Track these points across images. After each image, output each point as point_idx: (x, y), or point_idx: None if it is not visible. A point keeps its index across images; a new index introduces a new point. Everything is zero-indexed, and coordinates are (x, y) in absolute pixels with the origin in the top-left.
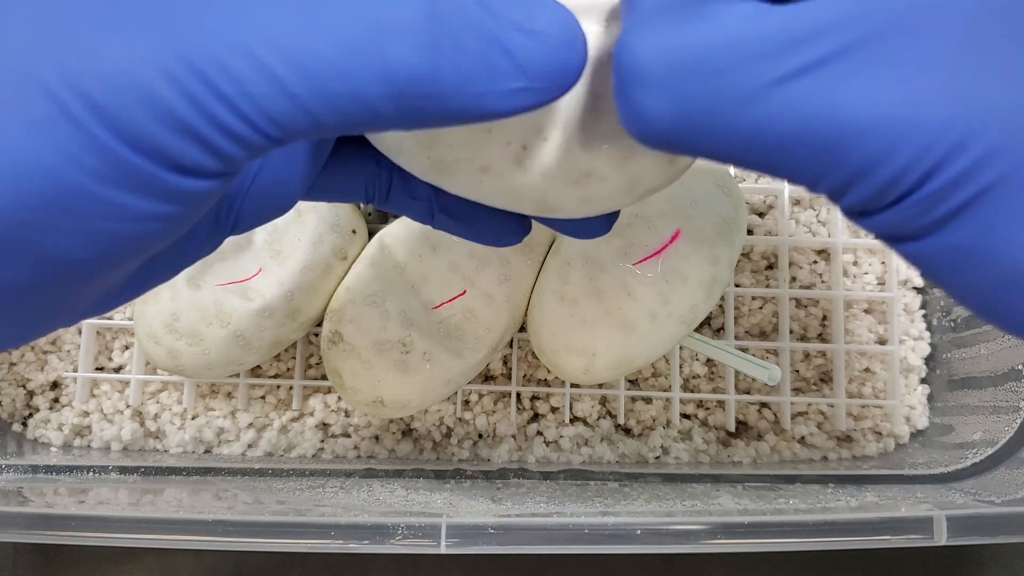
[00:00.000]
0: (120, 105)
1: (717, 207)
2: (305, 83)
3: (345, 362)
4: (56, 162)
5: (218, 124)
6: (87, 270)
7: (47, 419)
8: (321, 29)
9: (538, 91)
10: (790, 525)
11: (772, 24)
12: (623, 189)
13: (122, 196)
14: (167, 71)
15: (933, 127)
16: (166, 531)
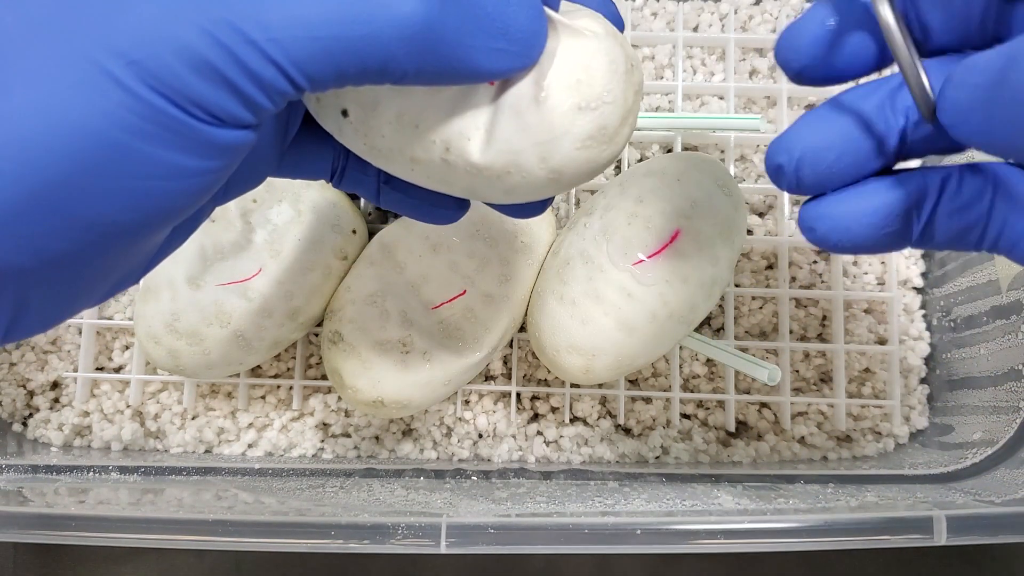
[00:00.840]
0: (157, 60)
1: (717, 207)
2: (328, 28)
3: (345, 362)
4: (98, 122)
5: (250, 72)
6: (127, 234)
7: (47, 419)
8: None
9: (514, 54)
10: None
11: None
12: (547, 182)
13: (163, 151)
14: (198, 24)
15: None
16: (166, 531)
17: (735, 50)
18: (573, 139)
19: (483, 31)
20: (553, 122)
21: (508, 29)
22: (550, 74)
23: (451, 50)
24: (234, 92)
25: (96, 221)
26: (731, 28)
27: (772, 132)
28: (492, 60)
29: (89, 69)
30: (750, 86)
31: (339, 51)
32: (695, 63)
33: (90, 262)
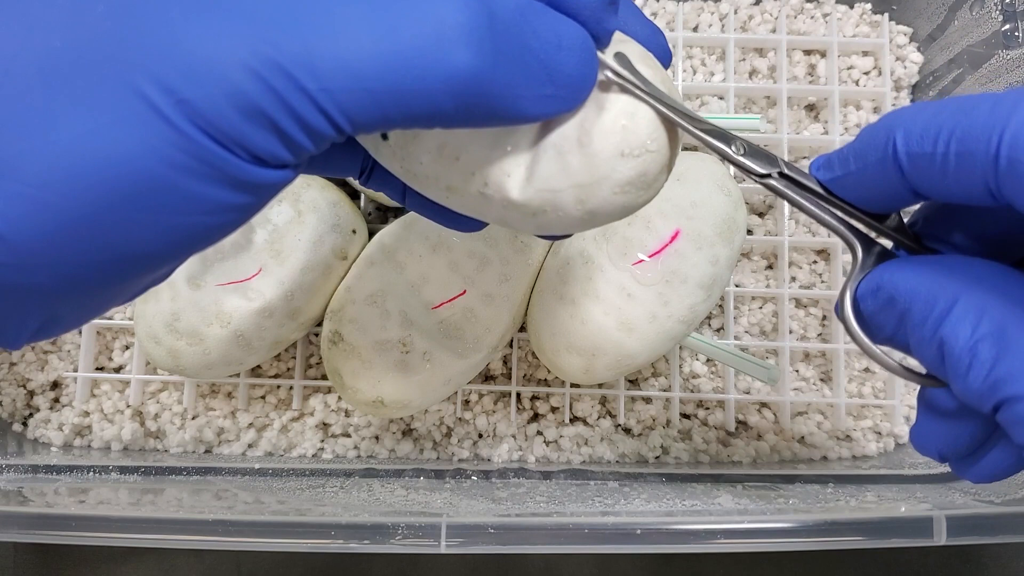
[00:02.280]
0: (204, 99)
1: (717, 207)
2: (380, 79)
3: (345, 362)
4: (142, 157)
5: (297, 117)
6: (154, 263)
7: (47, 419)
8: (398, 29)
9: (561, 99)
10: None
11: None
12: (580, 222)
13: (202, 187)
14: (250, 67)
15: None
16: (166, 531)
17: (735, 50)
18: (613, 184)
19: (532, 79)
20: (595, 166)
21: (556, 75)
22: (596, 118)
23: (499, 100)
24: (279, 135)
25: (129, 252)
26: (731, 28)
27: (771, 131)
28: (539, 106)
29: (136, 103)
30: (750, 86)
31: (388, 102)
32: (695, 63)
33: (118, 284)
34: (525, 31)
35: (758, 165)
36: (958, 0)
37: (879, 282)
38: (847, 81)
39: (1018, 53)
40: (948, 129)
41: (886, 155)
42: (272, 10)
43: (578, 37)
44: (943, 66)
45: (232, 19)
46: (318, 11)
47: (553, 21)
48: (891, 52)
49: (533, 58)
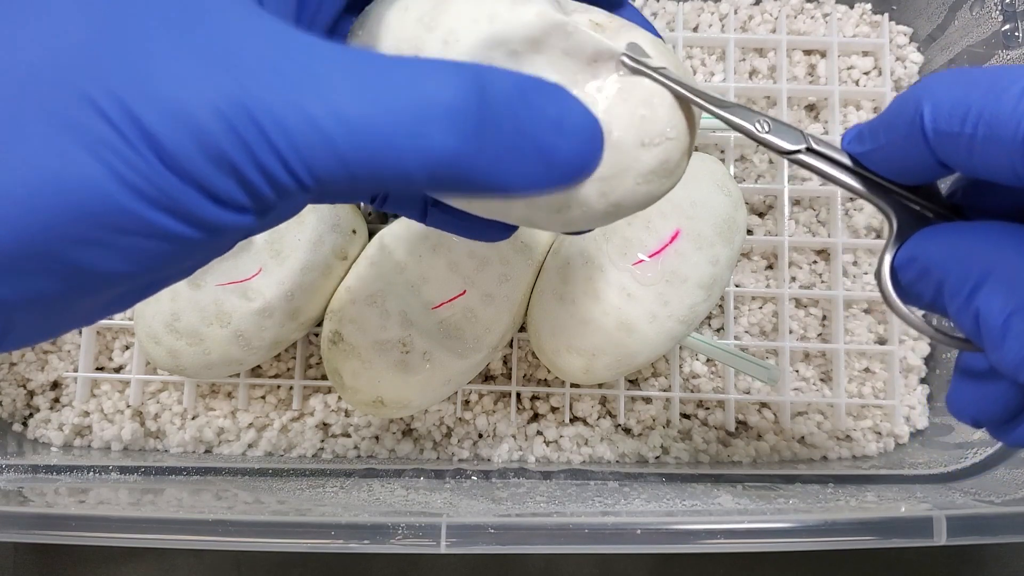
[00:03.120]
0: (171, 136)
1: (717, 207)
2: (354, 148)
3: (345, 362)
4: (103, 180)
5: (260, 167)
6: (118, 281)
7: (47, 419)
8: (378, 99)
9: (555, 180)
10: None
11: None
12: (604, 215)
13: (159, 217)
14: (220, 111)
15: None
16: (166, 531)
17: (735, 50)
18: (636, 175)
19: (523, 161)
20: (617, 158)
21: (552, 160)
22: (614, 111)
23: (481, 179)
24: (240, 182)
25: (87, 268)
26: (731, 28)
27: None
28: (529, 185)
29: (103, 128)
30: (750, 86)
31: (357, 167)
32: (695, 63)
33: (77, 300)
34: (522, 113)
35: (785, 141)
36: (958, 0)
37: (914, 252)
38: (847, 81)
39: (1018, 53)
40: (976, 110)
41: (914, 130)
42: (255, 60)
43: (582, 119)
44: (943, 66)
45: (212, 62)
46: (301, 68)
47: (558, 103)
48: (891, 52)
49: (527, 141)
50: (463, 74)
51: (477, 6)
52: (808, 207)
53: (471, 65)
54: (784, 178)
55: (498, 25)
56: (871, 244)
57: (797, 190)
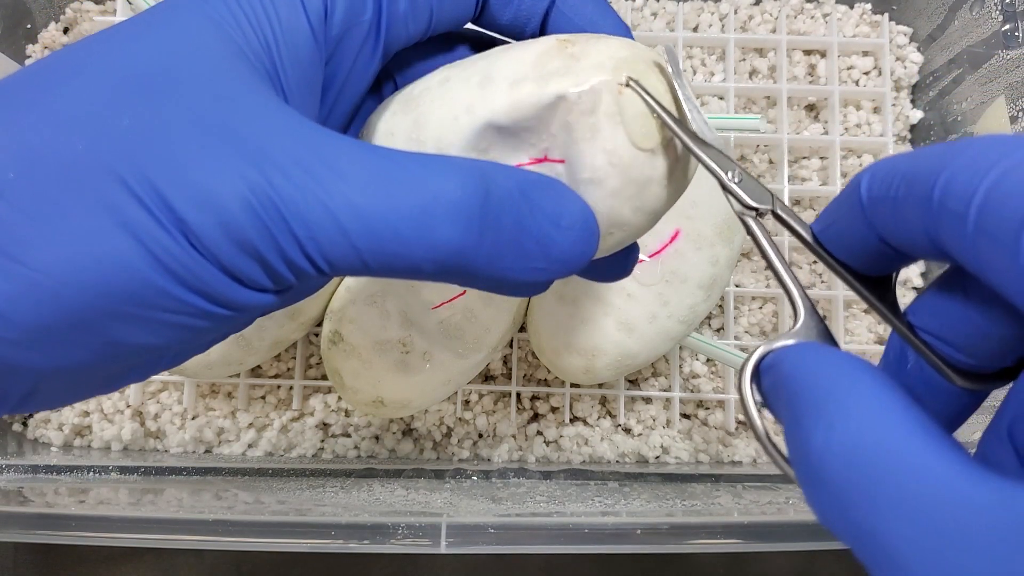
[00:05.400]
0: (200, 221)
1: (717, 207)
2: (367, 240)
3: (345, 362)
4: (138, 260)
5: (282, 254)
6: (146, 353)
7: (47, 419)
8: (390, 195)
9: (554, 272)
10: (790, 525)
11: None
12: (647, 223)
13: (189, 296)
14: (248, 202)
15: None
16: (166, 531)
17: (735, 50)
18: (659, 180)
19: (523, 255)
20: (636, 176)
21: (551, 253)
22: (615, 134)
23: (484, 270)
24: (263, 267)
25: (118, 341)
26: (731, 28)
27: (772, 131)
28: (528, 276)
29: (140, 214)
30: (750, 86)
31: (369, 257)
32: (695, 63)
33: (105, 369)
34: (523, 209)
35: (751, 198)
36: (958, 0)
37: (773, 360)
38: (847, 81)
39: (1018, 53)
40: (901, 173)
41: (853, 201)
42: (281, 154)
43: (580, 216)
44: (943, 66)
45: (240, 154)
46: (323, 163)
47: (557, 198)
48: (891, 52)
49: (527, 236)
50: (469, 172)
51: (450, 105)
52: (808, 207)
53: (477, 163)
54: (784, 178)
55: (480, 114)
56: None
57: (797, 190)
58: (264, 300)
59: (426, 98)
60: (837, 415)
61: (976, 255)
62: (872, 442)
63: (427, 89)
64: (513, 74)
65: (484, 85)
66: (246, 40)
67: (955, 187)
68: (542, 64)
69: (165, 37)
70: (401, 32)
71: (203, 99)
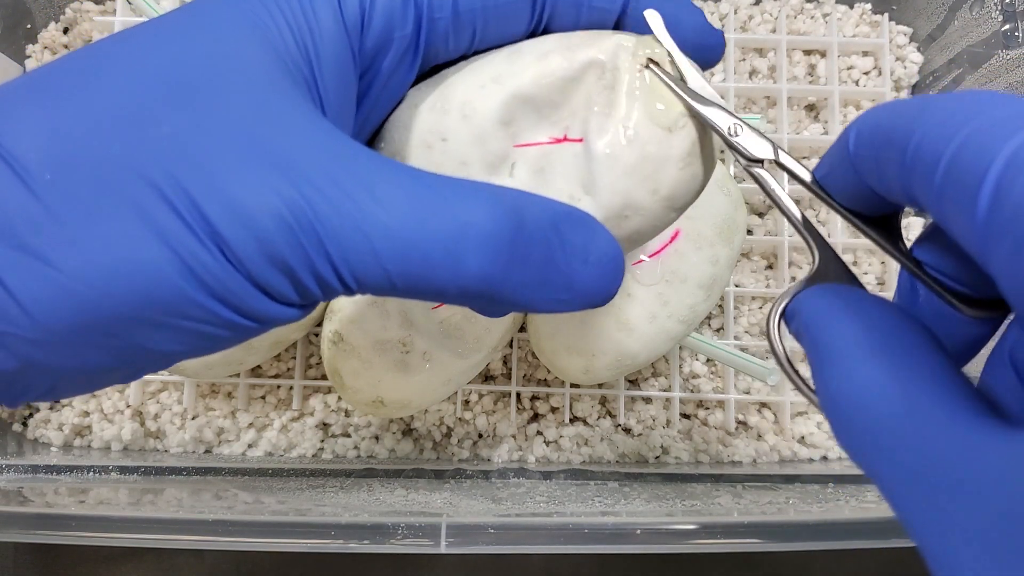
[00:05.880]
0: (234, 234)
1: (717, 207)
2: (397, 263)
3: (345, 362)
4: (169, 268)
5: (313, 271)
6: (169, 359)
7: (47, 419)
8: (424, 221)
9: (576, 304)
10: (790, 525)
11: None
12: (664, 212)
13: (217, 307)
14: (283, 218)
15: None
16: (166, 531)
17: (735, 50)
18: (676, 160)
19: (549, 286)
20: (652, 152)
21: (576, 287)
22: (631, 110)
23: (509, 298)
24: (294, 283)
25: (142, 346)
26: (731, 28)
27: (772, 132)
28: (552, 307)
29: (175, 224)
30: (750, 86)
31: (398, 280)
32: None
33: (124, 371)
34: (552, 242)
35: (754, 149)
36: (958, 0)
37: (795, 307)
38: (847, 81)
39: (1018, 53)
40: (883, 130)
41: (844, 154)
42: (317, 172)
43: (607, 252)
44: (943, 66)
45: (276, 169)
46: (358, 183)
47: (586, 233)
48: (891, 52)
49: (554, 269)
50: (502, 203)
51: (477, 74)
52: (808, 207)
53: (511, 193)
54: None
55: (507, 83)
56: (871, 244)
57: (798, 190)
58: (289, 313)
59: (452, 73)
60: (848, 364)
61: (942, 213)
62: (877, 394)
63: (455, 68)
64: (541, 48)
65: (512, 59)
66: (286, 47)
67: (924, 149)
68: (567, 39)
69: (206, 39)
70: (440, 49)
71: (243, 111)
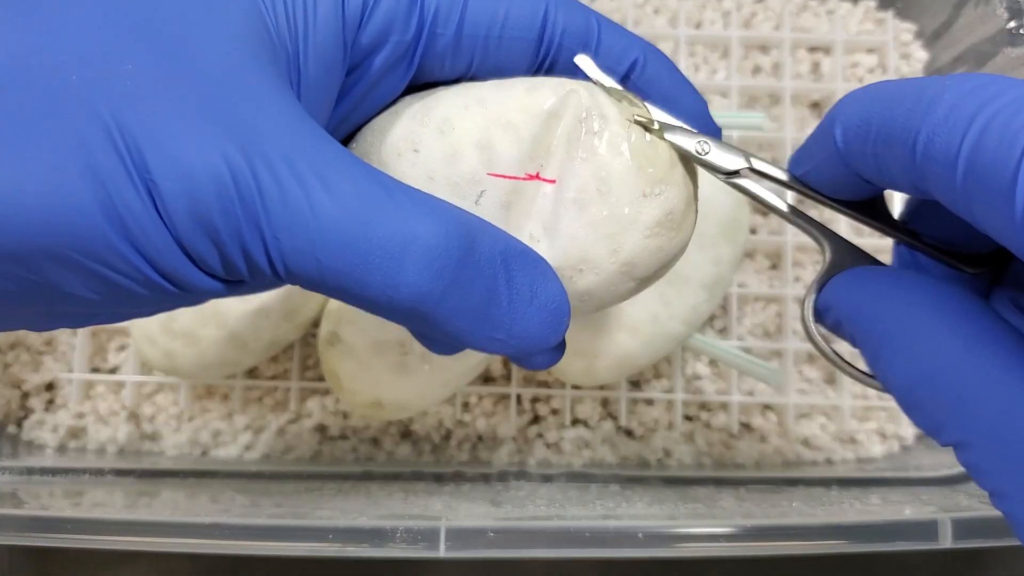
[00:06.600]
0: (171, 190)
1: (719, 207)
2: (332, 259)
3: (343, 363)
4: (95, 209)
5: (242, 247)
6: (83, 308)
7: (42, 421)
8: (370, 222)
9: (513, 348)
10: (793, 529)
11: None
12: (618, 278)
13: (136, 258)
14: (224, 188)
15: None
16: (162, 534)
17: (738, 47)
18: (642, 227)
19: (485, 321)
20: (620, 213)
21: (516, 328)
22: (610, 163)
23: (441, 325)
24: (220, 253)
25: (48, 283)
26: (734, 25)
27: (775, 130)
28: (486, 345)
29: (111, 160)
30: (753, 84)
31: (329, 276)
32: (697, 60)
33: (30, 307)
34: (499, 276)
35: (726, 163)
36: None
37: (828, 302)
38: (851, 79)
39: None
40: (876, 127)
41: (830, 150)
42: (271, 147)
43: (554, 299)
44: (948, 64)
45: (231, 137)
46: (311, 168)
47: (536, 275)
48: (895, 49)
49: (496, 304)
50: (457, 223)
51: (463, 96)
52: (812, 206)
53: (468, 216)
54: None
55: (491, 107)
56: (873, 244)
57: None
58: (211, 286)
59: (441, 90)
60: (916, 344)
61: (968, 208)
62: (947, 366)
63: (445, 87)
64: (533, 83)
65: (502, 86)
66: (275, 21)
67: (936, 148)
68: (561, 80)
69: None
70: (436, 66)
71: (210, 68)
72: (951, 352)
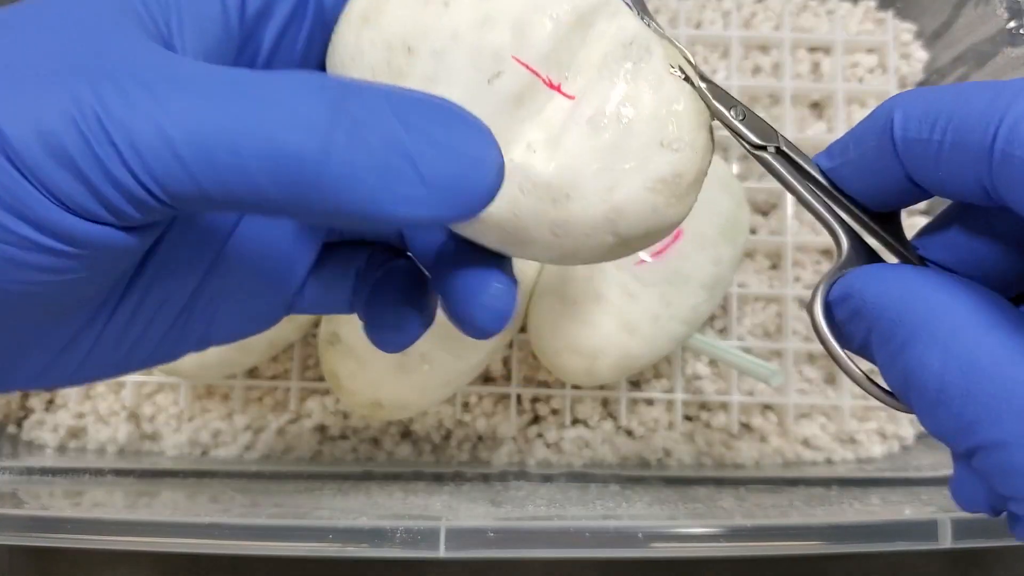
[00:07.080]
0: (18, 135)
1: (719, 207)
2: (197, 153)
3: (343, 363)
4: None
5: (107, 174)
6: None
7: (42, 421)
8: (230, 105)
9: (438, 204)
10: (793, 529)
11: None
12: (604, 221)
13: (12, 222)
14: (71, 117)
15: None
16: (162, 534)
17: (738, 47)
18: (647, 176)
19: (391, 175)
20: (631, 149)
21: (431, 177)
22: (642, 95)
23: (345, 194)
24: (89, 188)
25: None
26: (734, 25)
27: None
28: (407, 209)
29: None
30: (753, 84)
31: (202, 175)
32: (698, 60)
33: None
34: (393, 125)
35: (755, 136)
36: None
37: (848, 289)
38: (851, 79)
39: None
40: (946, 115)
41: (884, 138)
42: (124, 74)
43: (474, 138)
44: (948, 63)
45: (80, 76)
46: (163, 79)
47: (447, 123)
48: (896, 49)
49: (397, 152)
50: (326, 84)
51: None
52: None
53: (341, 79)
54: None
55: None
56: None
57: None
58: (111, 236)
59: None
60: (948, 337)
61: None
62: (988, 360)
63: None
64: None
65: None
66: (147, 9)
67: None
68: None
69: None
70: (331, 16)
71: (67, 32)
72: (997, 345)
